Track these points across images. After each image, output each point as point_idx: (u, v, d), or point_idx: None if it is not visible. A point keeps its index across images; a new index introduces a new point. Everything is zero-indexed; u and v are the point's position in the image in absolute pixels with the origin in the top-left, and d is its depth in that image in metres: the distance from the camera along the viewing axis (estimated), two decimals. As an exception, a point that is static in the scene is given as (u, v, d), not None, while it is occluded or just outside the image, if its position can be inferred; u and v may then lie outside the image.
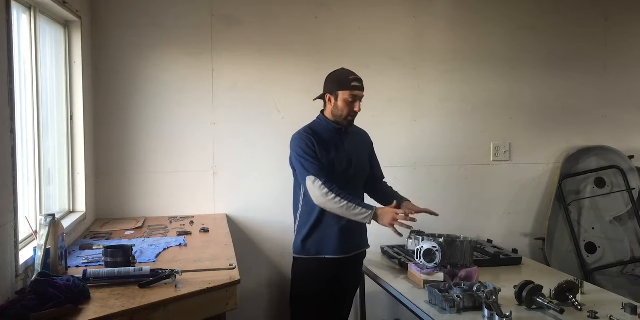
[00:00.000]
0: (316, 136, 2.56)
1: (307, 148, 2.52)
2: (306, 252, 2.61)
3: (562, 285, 2.21)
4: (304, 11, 3.48)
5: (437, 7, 3.66)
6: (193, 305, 1.91)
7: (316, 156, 2.51)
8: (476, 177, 3.75)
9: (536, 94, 3.81)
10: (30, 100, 2.43)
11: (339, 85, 2.55)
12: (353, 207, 2.43)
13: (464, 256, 2.47)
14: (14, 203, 1.88)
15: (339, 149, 2.58)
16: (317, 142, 2.54)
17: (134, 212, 3.32)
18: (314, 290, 2.61)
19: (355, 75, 2.58)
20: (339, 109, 2.56)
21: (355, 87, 2.54)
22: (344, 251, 2.61)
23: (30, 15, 2.44)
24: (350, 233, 2.60)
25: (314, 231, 2.59)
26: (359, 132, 2.77)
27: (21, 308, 1.61)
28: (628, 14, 3.92)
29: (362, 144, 2.73)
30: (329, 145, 2.56)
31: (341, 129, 2.61)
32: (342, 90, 2.54)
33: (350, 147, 2.62)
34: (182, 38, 3.34)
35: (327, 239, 2.57)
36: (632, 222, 3.80)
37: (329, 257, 2.58)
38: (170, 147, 3.35)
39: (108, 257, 2.09)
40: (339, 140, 2.60)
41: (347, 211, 2.44)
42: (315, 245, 2.59)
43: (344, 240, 2.59)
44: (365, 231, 2.74)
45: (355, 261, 2.72)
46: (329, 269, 2.60)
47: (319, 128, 2.61)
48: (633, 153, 3.86)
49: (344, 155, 2.58)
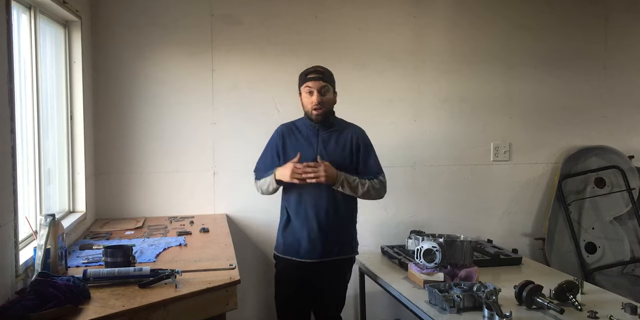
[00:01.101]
0: (291, 132, 2.64)
1: (267, 145, 2.71)
2: (279, 250, 2.67)
3: (562, 285, 2.21)
4: (304, 11, 3.48)
5: (437, 7, 3.66)
6: (193, 305, 1.91)
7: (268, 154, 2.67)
8: (476, 177, 3.75)
9: (536, 94, 3.81)
10: (30, 100, 2.42)
11: (299, 83, 2.62)
12: (263, 182, 2.60)
13: (464, 256, 2.47)
14: (14, 203, 1.88)
15: (310, 147, 2.59)
16: (289, 138, 2.63)
17: (134, 212, 3.32)
18: (288, 290, 2.64)
19: (315, 68, 2.58)
20: (303, 105, 2.61)
21: (309, 79, 2.54)
22: (316, 255, 2.57)
23: (30, 15, 2.43)
24: (324, 238, 2.56)
25: (285, 231, 2.64)
26: (346, 128, 2.68)
27: (21, 308, 1.61)
28: (628, 14, 3.92)
29: (342, 139, 2.64)
30: (301, 142, 2.61)
31: (316, 126, 2.61)
32: (300, 86, 2.61)
33: (324, 144, 2.60)
34: (182, 38, 3.34)
35: (298, 241, 2.59)
36: (632, 222, 3.80)
37: (297, 259, 2.59)
38: (170, 147, 3.35)
39: (108, 257, 2.09)
40: (314, 137, 2.62)
41: (263, 188, 2.62)
42: (286, 245, 2.63)
43: (316, 244, 2.56)
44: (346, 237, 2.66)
45: (332, 268, 2.62)
46: (300, 270, 2.60)
47: (300, 124, 2.68)
48: (633, 153, 3.86)
49: (314, 150, 2.58)
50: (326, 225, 2.57)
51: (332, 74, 2.62)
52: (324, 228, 2.56)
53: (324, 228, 2.56)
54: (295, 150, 2.57)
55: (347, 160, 2.63)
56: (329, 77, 2.59)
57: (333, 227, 2.60)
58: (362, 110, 3.54)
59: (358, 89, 3.52)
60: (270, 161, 2.66)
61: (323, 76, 2.55)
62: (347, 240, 2.68)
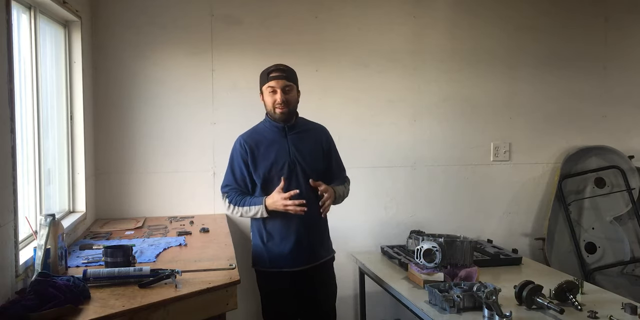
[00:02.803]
0: (255, 140, 2.53)
1: (232, 160, 2.57)
2: (262, 265, 2.56)
3: (562, 285, 2.21)
4: (304, 11, 3.48)
5: (436, 7, 3.66)
6: (193, 305, 1.91)
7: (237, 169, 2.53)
8: (476, 177, 3.75)
9: (536, 94, 3.81)
10: (30, 100, 2.42)
11: (261, 82, 2.53)
12: (247, 210, 2.47)
13: (464, 256, 2.47)
14: (14, 203, 1.88)
15: (282, 150, 2.50)
16: (256, 146, 2.51)
17: (134, 212, 3.32)
18: (279, 303, 2.56)
19: (277, 66, 2.49)
20: (265, 104, 2.53)
21: (272, 78, 2.46)
22: (302, 263, 2.52)
23: (30, 15, 2.43)
24: (307, 244, 2.51)
25: (267, 243, 2.53)
26: (314, 128, 2.65)
27: (21, 308, 1.61)
28: (628, 15, 3.92)
29: (313, 142, 2.60)
30: (271, 147, 2.51)
31: (283, 127, 2.53)
32: (263, 86, 2.52)
33: (296, 147, 2.52)
34: (182, 38, 3.34)
35: (282, 252, 2.50)
36: (632, 222, 3.80)
37: (286, 270, 2.51)
38: (170, 147, 3.35)
39: (108, 257, 2.09)
40: (284, 140, 2.53)
41: (247, 215, 2.49)
42: (270, 258, 2.52)
43: (301, 252, 2.50)
44: (326, 238, 2.64)
45: (319, 270, 2.60)
46: (289, 281, 2.53)
47: (262, 129, 2.58)
48: (633, 153, 3.86)
49: (287, 157, 2.49)
50: (311, 229, 2.52)
51: (295, 72, 2.55)
52: (310, 232, 2.52)
53: (310, 232, 2.52)
54: (267, 157, 2.48)
55: (320, 162, 2.59)
56: (292, 76, 2.51)
57: (317, 229, 2.57)
58: (362, 110, 3.54)
59: (358, 89, 3.52)
60: (240, 177, 2.53)
61: (286, 75, 2.48)
62: (328, 239, 2.67)
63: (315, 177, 2.52)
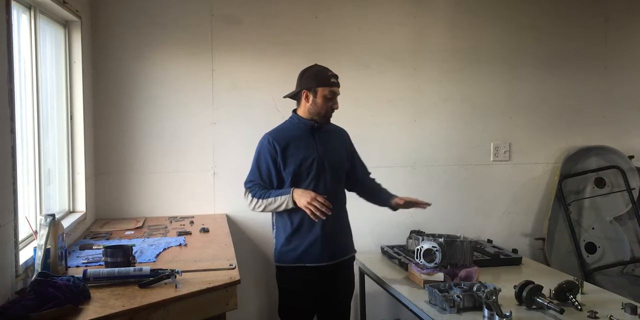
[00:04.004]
0: (284, 138, 2.53)
1: (259, 156, 2.56)
2: (286, 260, 2.55)
3: (562, 285, 2.22)
4: (304, 11, 3.48)
5: (437, 7, 3.66)
6: (193, 305, 1.91)
7: (263, 165, 2.53)
8: (476, 177, 3.75)
9: (536, 94, 3.81)
10: (30, 100, 2.42)
11: (318, 82, 2.51)
12: (272, 201, 2.47)
13: (464, 256, 2.47)
14: (14, 203, 1.88)
15: (311, 148, 2.53)
16: (285, 144, 2.51)
17: (134, 212, 3.32)
18: (300, 300, 2.56)
19: (332, 72, 2.54)
20: (317, 105, 2.52)
21: (334, 83, 2.52)
22: (327, 258, 2.53)
23: (30, 15, 2.43)
24: (332, 239, 2.53)
25: (292, 238, 2.52)
26: (336, 130, 2.70)
27: (21, 308, 1.61)
28: (628, 14, 3.92)
29: (338, 142, 2.67)
30: (300, 144, 2.53)
31: (314, 127, 2.55)
32: (321, 87, 2.50)
33: (323, 144, 2.56)
34: (182, 38, 3.34)
35: (307, 247, 2.50)
36: (632, 222, 3.80)
37: (310, 265, 2.51)
38: (170, 147, 3.35)
39: (108, 257, 2.09)
40: (312, 138, 2.56)
41: (271, 207, 2.48)
42: (295, 253, 2.52)
43: (326, 247, 2.51)
44: (349, 236, 2.67)
45: (342, 268, 2.62)
46: (312, 277, 2.53)
47: (290, 128, 2.59)
48: (633, 153, 3.86)
49: (316, 154, 2.53)
50: (336, 226, 2.55)
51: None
52: (334, 229, 2.54)
53: (334, 229, 2.54)
54: (297, 154, 2.51)
55: (344, 161, 2.66)
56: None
57: (341, 227, 2.60)
58: (362, 110, 3.54)
59: (358, 89, 3.52)
60: (266, 173, 2.53)
61: (338, 84, 2.55)
62: (351, 238, 2.70)
63: (340, 175, 2.62)
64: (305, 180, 2.50)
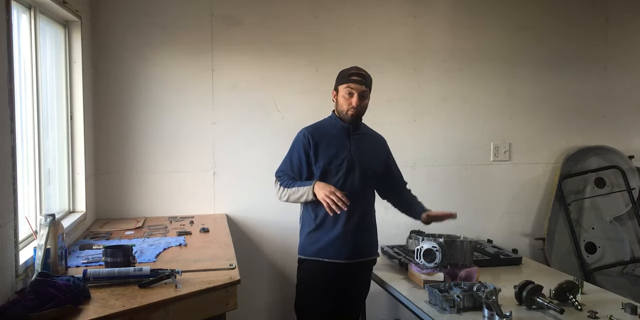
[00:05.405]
0: (319, 134, 2.57)
1: (293, 148, 2.60)
2: (306, 253, 2.58)
3: (562, 285, 2.22)
4: (304, 11, 3.48)
5: (437, 7, 3.66)
6: (193, 305, 1.91)
7: (295, 157, 2.56)
8: (476, 177, 3.75)
9: (536, 94, 3.81)
10: (30, 100, 2.42)
11: (338, 81, 2.57)
12: (295, 191, 2.49)
13: (464, 256, 2.47)
14: (14, 203, 1.88)
15: (343, 147, 2.56)
16: (319, 139, 2.55)
17: (134, 212, 3.32)
18: (316, 294, 2.56)
19: (357, 70, 2.54)
20: (339, 104, 2.57)
21: (352, 80, 2.51)
22: (345, 256, 2.53)
23: (30, 15, 2.43)
24: (352, 239, 2.53)
25: (314, 233, 2.55)
26: (374, 135, 2.73)
27: (21, 308, 1.61)
28: (628, 14, 3.92)
29: (373, 146, 2.68)
30: (333, 142, 2.56)
31: (349, 128, 2.58)
32: (340, 85, 2.55)
33: (357, 147, 2.58)
34: (182, 38, 3.34)
35: (327, 242, 2.52)
36: (632, 222, 3.80)
37: (328, 260, 2.53)
38: (170, 147, 3.35)
39: (108, 257, 2.09)
40: (346, 139, 2.58)
41: (294, 197, 2.50)
42: (315, 247, 2.55)
43: (345, 245, 2.52)
44: (373, 239, 2.67)
45: (360, 269, 2.62)
46: (329, 273, 2.54)
47: (327, 125, 2.62)
48: (633, 153, 3.86)
49: (348, 153, 2.55)
50: (360, 225, 2.56)
51: (371, 79, 2.59)
52: (358, 228, 2.55)
53: (358, 228, 2.55)
54: (329, 150, 2.54)
55: (377, 166, 2.67)
56: (369, 82, 2.56)
57: (366, 227, 2.61)
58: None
59: (358, 89, 3.52)
60: (297, 165, 2.56)
61: (365, 81, 2.53)
62: (376, 241, 2.70)
63: (370, 177, 2.62)
64: (334, 177, 2.51)
